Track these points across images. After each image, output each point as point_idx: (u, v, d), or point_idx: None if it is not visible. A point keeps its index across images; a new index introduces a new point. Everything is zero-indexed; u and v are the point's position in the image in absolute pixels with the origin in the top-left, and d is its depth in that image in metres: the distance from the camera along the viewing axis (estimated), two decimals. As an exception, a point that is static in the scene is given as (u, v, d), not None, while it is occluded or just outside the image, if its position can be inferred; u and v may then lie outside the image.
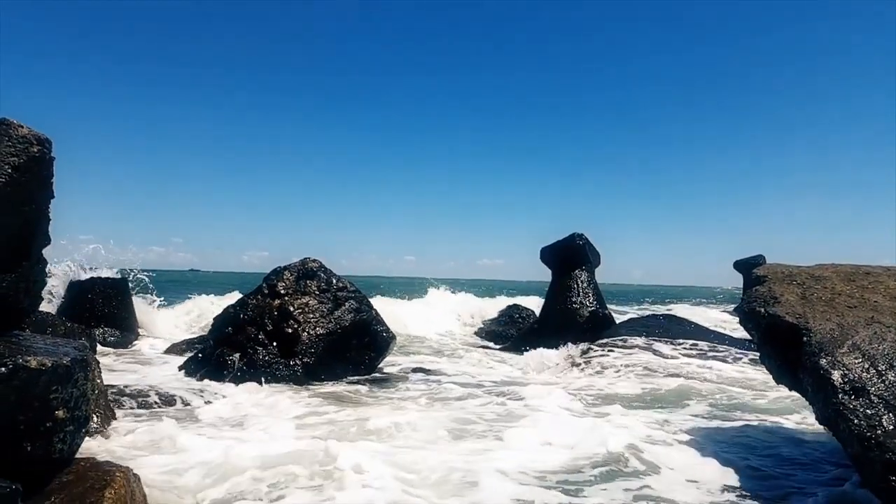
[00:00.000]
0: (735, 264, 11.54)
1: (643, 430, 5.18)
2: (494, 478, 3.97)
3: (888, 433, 3.14)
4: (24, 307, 3.44)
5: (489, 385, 7.64)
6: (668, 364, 8.42)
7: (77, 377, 3.18)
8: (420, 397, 6.82)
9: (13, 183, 3.12)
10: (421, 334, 14.60)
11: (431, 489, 3.82)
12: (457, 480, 3.97)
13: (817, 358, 3.65)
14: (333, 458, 4.18)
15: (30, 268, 3.38)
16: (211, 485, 3.82)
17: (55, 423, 3.02)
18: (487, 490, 3.78)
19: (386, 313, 9.51)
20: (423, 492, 3.76)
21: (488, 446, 4.81)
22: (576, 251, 12.28)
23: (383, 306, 10.41)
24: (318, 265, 8.68)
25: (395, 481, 3.86)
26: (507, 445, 4.80)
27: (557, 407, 6.17)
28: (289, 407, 6.21)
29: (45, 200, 3.47)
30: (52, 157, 3.39)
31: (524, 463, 4.31)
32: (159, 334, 12.45)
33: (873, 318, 3.86)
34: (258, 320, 7.96)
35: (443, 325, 16.31)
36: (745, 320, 4.62)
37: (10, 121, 3.23)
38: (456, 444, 4.86)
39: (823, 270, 4.60)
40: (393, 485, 3.80)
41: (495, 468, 4.16)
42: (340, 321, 8.25)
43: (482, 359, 10.92)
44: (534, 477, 4.05)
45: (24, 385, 2.81)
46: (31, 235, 3.38)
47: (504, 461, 4.33)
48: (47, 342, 3.44)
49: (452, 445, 4.83)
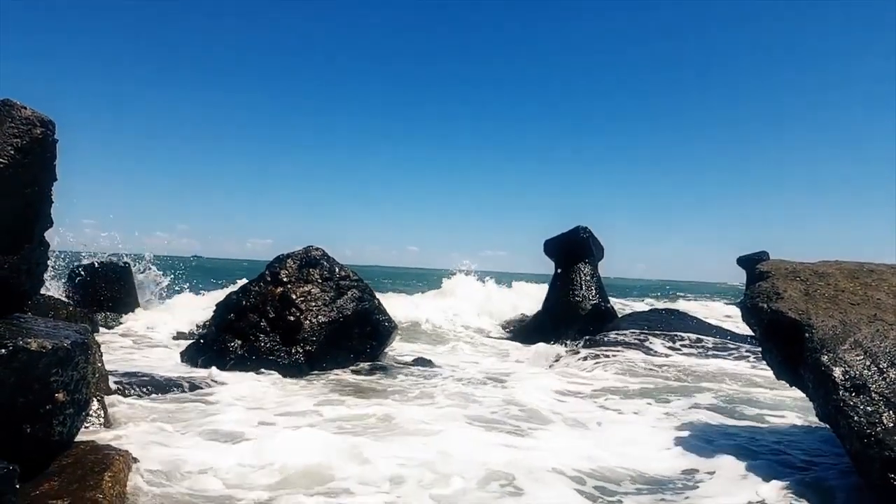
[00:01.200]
0: (739, 260, 11.55)
1: (642, 421, 5.17)
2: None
3: (888, 430, 3.13)
4: (26, 289, 3.45)
5: (481, 377, 7.60)
6: (668, 360, 8.39)
7: (78, 360, 3.19)
8: (414, 387, 6.82)
9: (15, 165, 3.12)
10: (445, 327, 14.08)
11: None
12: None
13: (819, 354, 3.64)
14: (361, 457, 4.10)
15: (31, 250, 3.39)
16: (209, 473, 3.83)
17: (55, 405, 3.03)
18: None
19: (402, 306, 9.34)
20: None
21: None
22: (579, 244, 12.26)
23: (401, 301, 10.13)
24: (320, 253, 8.67)
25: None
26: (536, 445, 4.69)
27: (552, 401, 6.18)
28: (291, 397, 6.22)
29: (48, 183, 3.47)
30: (55, 140, 3.39)
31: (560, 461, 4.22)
32: (163, 321, 12.46)
33: (876, 316, 3.84)
34: (260, 307, 7.96)
35: (468, 318, 15.21)
36: (748, 316, 4.61)
37: (13, 102, 3.22)
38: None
39: (827, 267, 4.58)
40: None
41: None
42: (342, 310, 8.25)
43: (484, 349, 10.89)
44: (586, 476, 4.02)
45: (24, 367, 2.82)
46: (33, 218, 3.38)
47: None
48: (48, 325, 3.45)
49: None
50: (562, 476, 3.93)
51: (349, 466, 3.95)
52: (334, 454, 4.13)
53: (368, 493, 3.57)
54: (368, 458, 4.06)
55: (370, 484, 3.70)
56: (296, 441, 4.37)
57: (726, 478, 3.92)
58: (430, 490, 3.62)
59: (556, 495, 3.64)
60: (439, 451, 4.29)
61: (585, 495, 3.66)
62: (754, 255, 10.81)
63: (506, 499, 3.56)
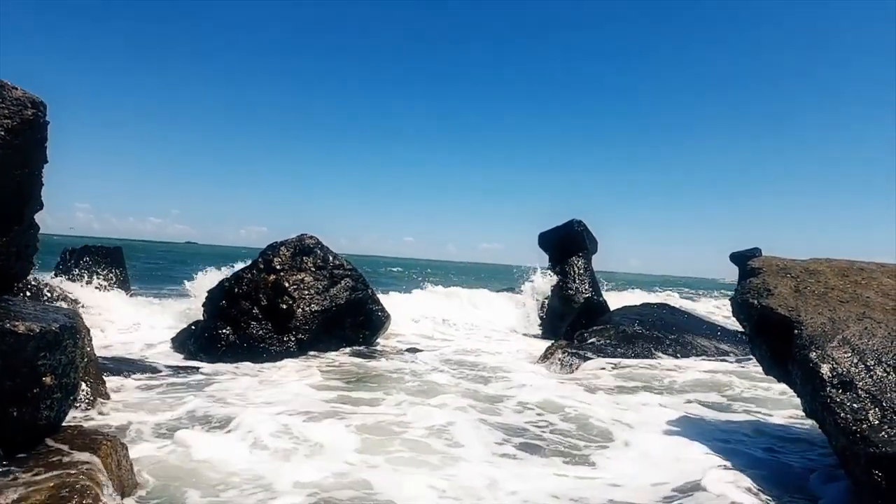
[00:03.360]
0: (731, 256, 11.55)
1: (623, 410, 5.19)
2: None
3: (873, 427, 3.15)
4: (15, 272, 3.43)
5: (473, 370, 7.59)
6: (660, 359, 8.39)
7: (66, 344, 3.17)
8: (406, 377, 6.83)
9: (6, 146, 3.09)
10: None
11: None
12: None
13: (807, 351, 3.65)
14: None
15: (21, 232, 3.36)
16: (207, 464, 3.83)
17: (42, 389, 3.02)
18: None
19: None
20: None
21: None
22: (574, 238, 12.27)
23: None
24: (314, 242, 8.66)
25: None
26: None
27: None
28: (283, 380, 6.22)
29: (39, 165, 3.44)
30: (46, 121, 3.35)
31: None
32: (154, 307, 12.34)
33: (864, 314, 3.85)
34: (253, 295, 7.94)
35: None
36: (738, 311, 4.62)
37: (3, 82, 3.19)
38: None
39: (818, 265, 4.59)
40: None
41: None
42: (336, 299, 8.25)
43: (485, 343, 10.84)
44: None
45: (11, 350, 2.80)
46: (23, 200, 3.35)
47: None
48: (37, 308, 3.42)
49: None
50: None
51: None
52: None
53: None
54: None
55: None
56: (276, 426, 4.40)
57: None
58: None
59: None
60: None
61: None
62: (747, 252, 10.82)
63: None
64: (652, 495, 3.58)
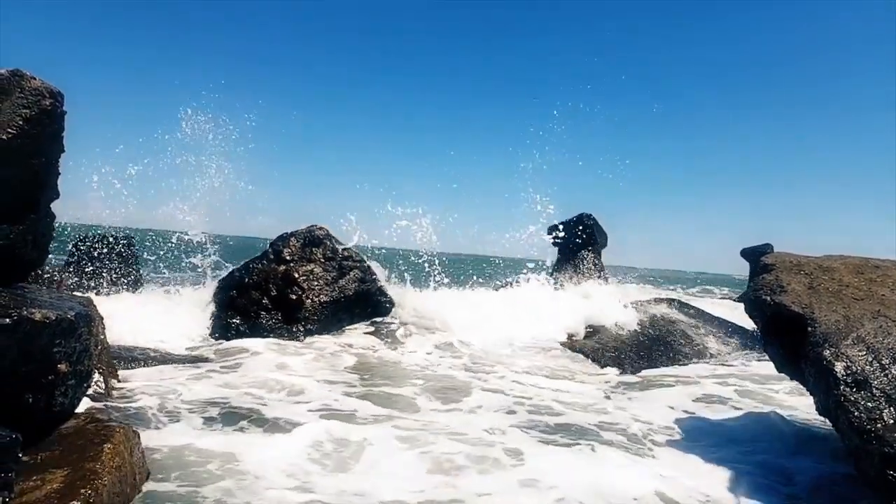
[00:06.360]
0: (742, 252, 11.48)
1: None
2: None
3: (888, 427, 3.13)
4: (31, 260, 3.45)
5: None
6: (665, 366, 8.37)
7: (81, 332, 3.20)
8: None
9: (24, 135, 3.11)
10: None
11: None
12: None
13: (821, 349, 3.63)
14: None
15: (37, 221, 3.38)
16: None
17: (57, 376, 3.05)
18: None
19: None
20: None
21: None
22: (584, 231, 12.23)
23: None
24: (324, 233, 8.69)
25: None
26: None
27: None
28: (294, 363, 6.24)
29: (56, 154, 3.46)
30: (63, 111, 3.37)
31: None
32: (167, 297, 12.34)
33: (879, 312, 3.83)
34: (263, 285, 8.00)
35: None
36: (750, 308, 4.60)
37: (22, 72, 3.20)
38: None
39: (832, 262, 4.56)
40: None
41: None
42: (344, 290, 8.29)
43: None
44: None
45: (27, 337, 2.82)
46: (40, 189, 3.37)
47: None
48: (52, 296, 3.46)
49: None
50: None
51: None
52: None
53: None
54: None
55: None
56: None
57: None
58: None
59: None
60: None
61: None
62: (758, 248, 10.75)
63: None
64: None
